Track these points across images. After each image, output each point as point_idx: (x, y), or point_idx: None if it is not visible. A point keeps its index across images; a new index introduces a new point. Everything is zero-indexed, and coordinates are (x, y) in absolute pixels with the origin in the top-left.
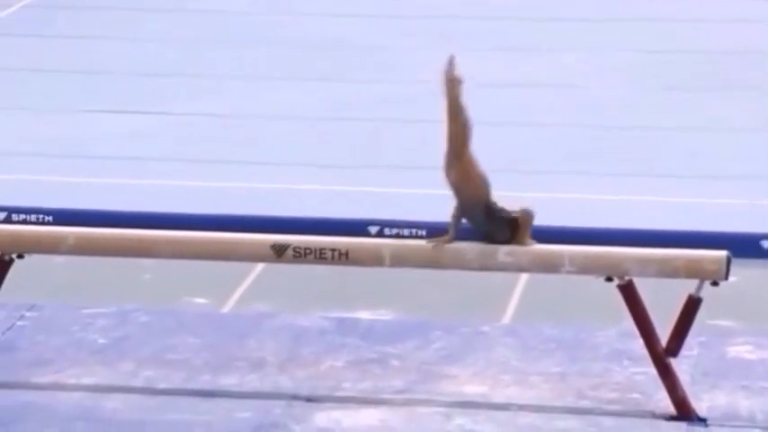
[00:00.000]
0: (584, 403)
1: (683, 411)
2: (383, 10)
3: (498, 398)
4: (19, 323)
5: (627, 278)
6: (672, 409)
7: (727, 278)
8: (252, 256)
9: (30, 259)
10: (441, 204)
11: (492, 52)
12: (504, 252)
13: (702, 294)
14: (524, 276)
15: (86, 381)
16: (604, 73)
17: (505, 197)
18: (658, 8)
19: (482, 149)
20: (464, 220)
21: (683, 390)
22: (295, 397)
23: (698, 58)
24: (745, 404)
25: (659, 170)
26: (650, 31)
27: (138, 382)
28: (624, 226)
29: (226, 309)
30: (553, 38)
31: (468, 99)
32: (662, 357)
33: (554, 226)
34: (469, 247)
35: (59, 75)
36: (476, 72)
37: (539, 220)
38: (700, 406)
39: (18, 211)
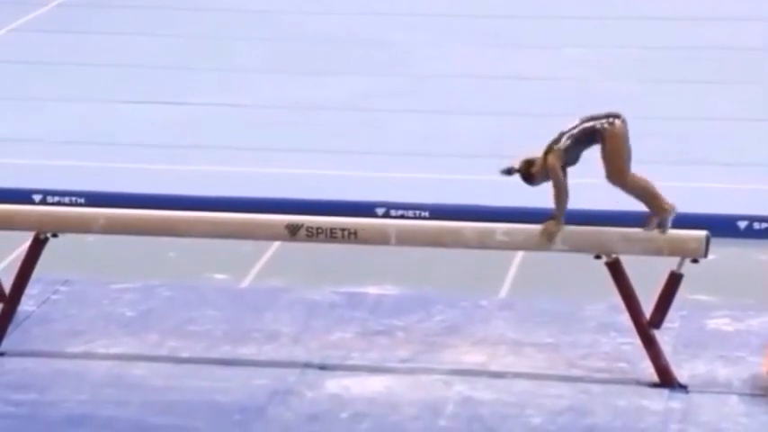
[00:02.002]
0: (575, 371)
1: (666, 379)
2: (392, 8)
3: (495, 366)
4: (53, 297)
5: (614, 256)
6: (655, 377)
7: (706, 256)
8: (268, 235)
9: (63, 238)
10: (441, 188)
11: (497, 48)
12: (500, 232)
13: (684, 271)
14: (520, 254)
15: (115, 350)
16: (604, 68)
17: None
18: (659, 7)
19: (486, 139)
20: None
21: (665, 359)
22: (308, 365)
23: (696, 53)
24: (722, 372)
25: (647, 156)
26: (650, 29)
27: (162, 352)
28: (613, 208)
29: (244, 284)
30: (557, 35)
31: (476, 92)
32: (646, 329)
33: (549, 208)
34: (469, 228)
35: (92, 68)
36: (481, 66)
37: (535, 203)
38: (681, 374)
39: (53, 193)
